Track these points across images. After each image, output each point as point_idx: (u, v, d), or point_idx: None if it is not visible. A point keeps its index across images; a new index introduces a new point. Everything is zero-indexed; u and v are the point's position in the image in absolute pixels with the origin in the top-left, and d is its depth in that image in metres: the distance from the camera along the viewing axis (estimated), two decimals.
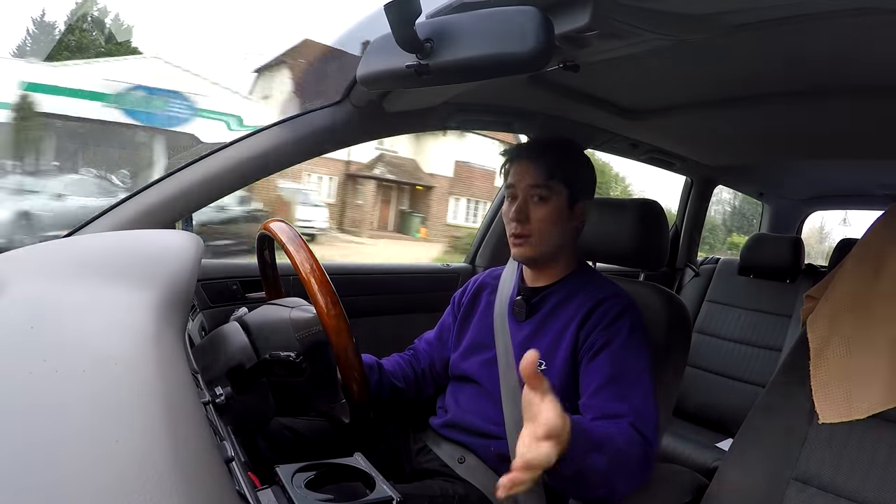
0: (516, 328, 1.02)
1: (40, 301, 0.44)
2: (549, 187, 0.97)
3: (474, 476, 0.98)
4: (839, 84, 0.95)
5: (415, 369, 1.14)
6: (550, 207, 0.98)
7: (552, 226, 0.98)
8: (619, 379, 0.87)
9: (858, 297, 0.83)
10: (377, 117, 0.96)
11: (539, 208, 0.98)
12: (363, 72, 0.77)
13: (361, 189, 14.94)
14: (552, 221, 0.98)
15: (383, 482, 0.63)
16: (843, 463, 0.76)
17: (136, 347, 0.39)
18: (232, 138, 0.89)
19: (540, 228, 0.98)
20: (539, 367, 0.93)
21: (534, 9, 0.54)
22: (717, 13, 0.66)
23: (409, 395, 1.12)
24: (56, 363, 0.35)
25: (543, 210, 0.98)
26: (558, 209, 0.98)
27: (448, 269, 1.60)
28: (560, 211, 0.98)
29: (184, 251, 0.59)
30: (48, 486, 0.26)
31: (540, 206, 0.98)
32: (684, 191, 2.23)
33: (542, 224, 0.97)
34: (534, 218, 0.98)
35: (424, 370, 1.14)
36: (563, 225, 0.99)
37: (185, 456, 0.31)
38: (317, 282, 0.74)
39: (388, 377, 1.07)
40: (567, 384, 0.94)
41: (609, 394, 0.86)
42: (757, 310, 1.99)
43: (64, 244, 0.69)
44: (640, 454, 0.79)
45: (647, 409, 0.85)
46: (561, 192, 0.98)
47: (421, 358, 1.16)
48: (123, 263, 0.55)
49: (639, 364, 0.90)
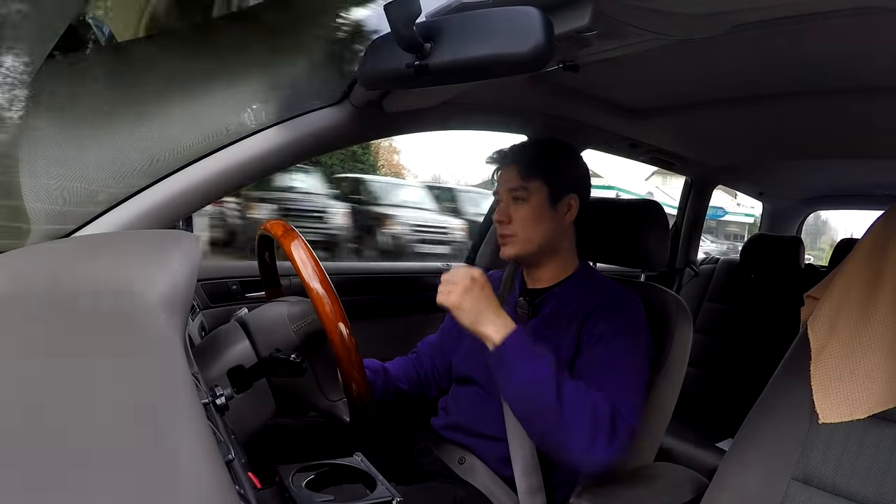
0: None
1: (40, 301, 0.44)
2: (525, 188, 0.99)
3: (474, 477, 0.98)
4: (839, 84, 0.95)
5: (418, 372, 1.14)
6: (530, 207, 0.99)
7: (533, 224, 0.99)
8: (613, 369, 0.88)
9: (858, 297, 0.83)
10: (377, 117, 0.96)
11: (519, 208, 0.99)
12: (363, 72, 0.77)
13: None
14: (533, 220, 0.99)
15: (383, 483, 0.63)
16: (843, 463, 0.76)
17: (136, 348, 0.39)
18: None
19: (522, 227, 0.99)
20: None
21: (534, 9, 0.54)
22: (717, 13, 0.66)
23: (415, 398, 1.13)
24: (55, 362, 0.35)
25: (523, 210, 0.99)
26: (538, 207, 0.99)
27: (448, 269, 1.60)
28: (540, 209, 0.99)
29: (184, 251, 0.59)
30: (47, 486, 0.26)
31: (520, 207, 1.00)
32: (684, 191, 2.23)
33: (523, 223, 0.99)
34: (515, 218, 1.00)
35: (427, 373, 1.14)
36: (547, 222, 1.00)
37: (185, 456, 0.31)
38: (318, 283, 0.74)
39: (394, 381, 1.08)
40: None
41: (598, 380, 0.86)
42: (757, 310, 1.99)
43: (64, 244, 0.68)
44: (606, 415, 0.80)
45: (630, 396, 0.86)
46: (540, 190, 0.99)
47: (424, 360, 1.16)
48: (123, 263, 0.55)
49: (634, 358, 0.91)
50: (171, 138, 0.78)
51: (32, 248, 0.62)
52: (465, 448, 1.01)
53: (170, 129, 0.80)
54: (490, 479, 0.97)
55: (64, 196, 0.72)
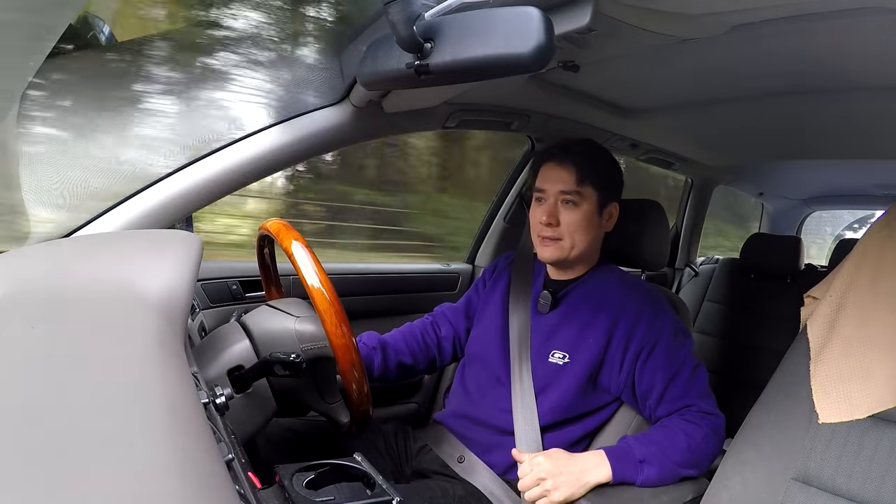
0: (539, 319, 1.03)
1: (40, 301, 0.44)
2: (580, 192, 0.97)
3: (474, 476, 0.98)
4: (839, 84, 0.95)
5: (427, 340, 1.13)
6: (581, 212, 0.98)
7: (583, 230, 0.98)
8: (678, 375, 0.93)
9: (858, 297, 0.83)
10: (377, 117, 0.96)
11: (570, 212, 0.98)
12: (363, 72, 0.77)
13: None
14: (583, 226, 0.98)
15: (383, 482, 0.63)
16: (843, 463, 0.76)
17: (136, 348, 0.39)
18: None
19: (570, 232, 0.98)
20: (562, 360, 0.95)
21: (534, 9, 0.54)
22: (717, 13, 0.66)
23: (420, 369, 1.12)
24: (56, 362, 0.35)
25: (574, 214, 0.98)
26: (589, 213, 0.98)
27: (448, 269, 1.60)
28: (591, 215, 0.99)
29: (184, 251, 0.59)
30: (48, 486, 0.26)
31: (571, 211, 0.98)
32: (684, 191, 2.24)
33: (572, 228, 0.98)
34: (564, 222, 0.98)
35: (443, 339, 1.13)
36: (594, 229, 1.00)
37: (185, 456, 0.31)
38: (326, 300, 0.73)
39: (395, 355, 1.07)
40: (592, 372, 0.96)
41: (673, 392, 0.92)
42: (756, 310, 1.99)
43: (64, 244, 0.69)
44: (710, 430, 0.90)
45: (708, 392, 0.95)
46: (591, 197, 0.98)
47: (441, 326, 1.15)
48: (123, 263, 0.55)
49: (687, 354, 0.95)
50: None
51: (32, 248, 0.62)
52: (469, 440, 1.01)
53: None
54: (489, 478, 0.97)
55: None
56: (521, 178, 1.53)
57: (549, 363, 0.98)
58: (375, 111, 0.95)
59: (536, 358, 0.99)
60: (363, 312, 1.37)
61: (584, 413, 0.98)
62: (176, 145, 0.81)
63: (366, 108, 0.93)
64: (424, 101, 1.00)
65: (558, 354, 0.98)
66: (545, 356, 0.99)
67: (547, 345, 0.99)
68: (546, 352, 0.99)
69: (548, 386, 0.97)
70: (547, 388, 0.97)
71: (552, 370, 0.97)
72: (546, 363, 0.98)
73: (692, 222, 2.25)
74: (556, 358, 0.98)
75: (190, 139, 0.82)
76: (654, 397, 0.93)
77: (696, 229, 2.29)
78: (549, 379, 0.97)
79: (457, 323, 1.15)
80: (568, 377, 0.96)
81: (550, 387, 0.97)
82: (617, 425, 1.01)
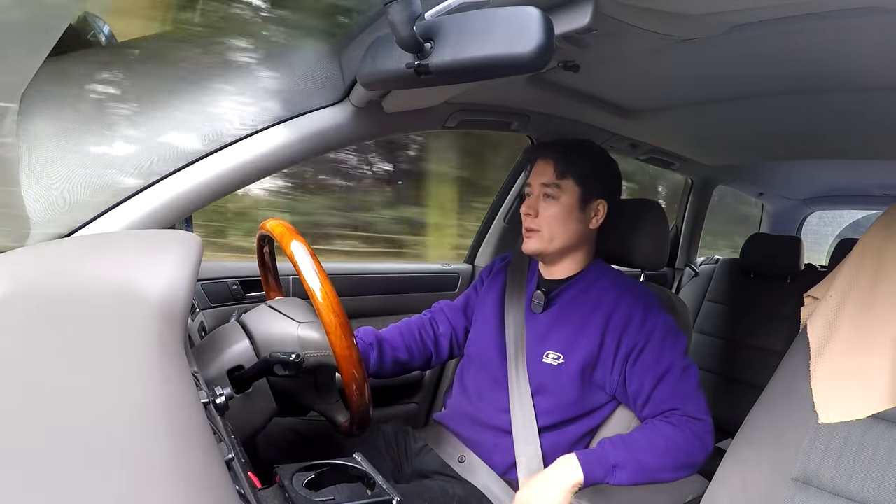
0: (533, 319, 1.03)
1: (41, 301, 0.44)
2: (558, 185, 0.99)
3: (474, 476, 0.98)
4: (839, 84, 0.95)
5: (424, 336, 1.13)
6: (560, 205, 0.99)
7: (560, 223, 0.99)
8: (665, 377, 0.92)
9: (858, 297, 0.83)
10: (377, 117, 0.96)
11: (549, 205, 1.00)
12: (363, 72, 0.77)
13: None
14: (560, 219, 0.99)
15: (383, 482, 0.63)
16: (843, 463, 0.76)
17: (136, 348, 0.39)
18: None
19: (549, 224, 0.99)
20: (557, 361, 0.96)
21: (534, 9, 0.54)
22: (717, 13, 0.66)
23: (415, 365, 1.12)
24: (56, 363, 0.35)
25: (553, 207, 0.99)
26: (568, 207, 0.99)
27: (448, 269, 1.60)
28: (570, 209, 0.99)
29: (184, 251, 0.59)
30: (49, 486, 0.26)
31: (550, 203, 1.00)
32: (684, 191, 2.24)
33: (550, 220, 0.99)
34: (543, 214, 1.00)
35: (440, 336, 1.13)
36: (573, 223, 1.00)
37: (185, 456, 0.31)
38: (332, 312, 0.72)
39: (391, 351, 1.07)
40: (586, 372, 0.96)
41: (660, 394, 0.92)
42: (757, 310, 1.99)
43: (64, 244, 0.68)
44: (692, 436, 0.89)
45: (696, 395, 0.93)
46: (572, 190, 0.99)
47: (439, 323, 1.15)
48: (123, 263, 0.55)
49: (677, 355, 0.94)
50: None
51: (32, 248, 0.62)
52: (468, 440, 1.01)
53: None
54: (490, 478, 0.97)
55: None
56: (520, 178, 1.53)
57: (543, 364, 0.98)
58: (375, 111, 0.95)
59: (531, 358, 1.00)
60: (363, 312, 1.37)
61: (583, 413, 0.98)
62: (173, 146, 0.80)
63: (366, 108, 0.93)
64: (424, 101, 0.99)
65: (553, 355, 0.98)
66: (539, 357, 0.99)
67: (541, 345, 1.00)
68: (540, 352, 0.99)
69: (544, 387, 0.98)
70: (543, 388, 0.98)
71: (547, 371, 0.98)
72: (540, 363, 0.98)
73: (692, 222, 2.25)
74: (551, 359, 0.98)
75: (190, 139, 0.82)
76: (642, 398, 0.93)
77: (696, 229, 2.29)
78: (544, 380, 0.98)
79: (455, 321, 1.15)
80: (563, 378, 0.96)
81: (547, 388, 0.97)
82: (616, 425, 1.01)
